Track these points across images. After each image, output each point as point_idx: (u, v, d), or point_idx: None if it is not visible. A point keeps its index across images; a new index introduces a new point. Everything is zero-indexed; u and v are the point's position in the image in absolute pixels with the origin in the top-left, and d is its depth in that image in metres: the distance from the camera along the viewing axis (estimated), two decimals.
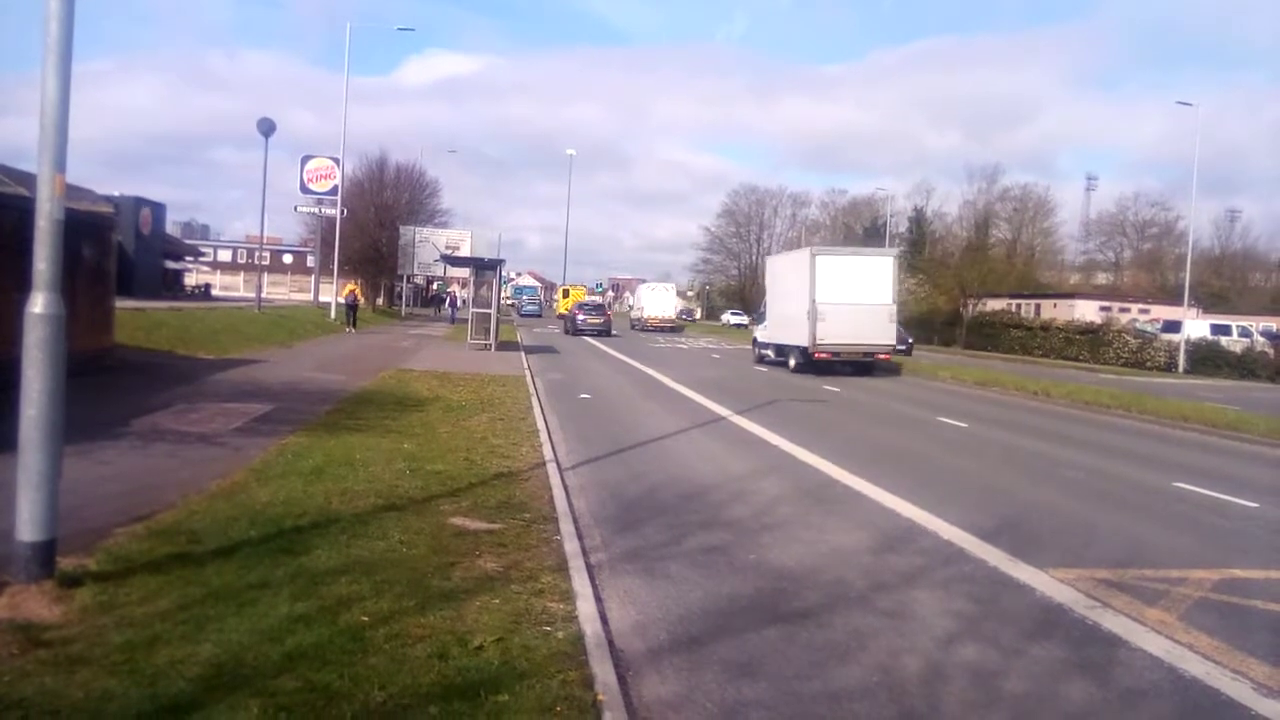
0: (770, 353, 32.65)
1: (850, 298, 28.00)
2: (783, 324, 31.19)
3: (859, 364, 29.63)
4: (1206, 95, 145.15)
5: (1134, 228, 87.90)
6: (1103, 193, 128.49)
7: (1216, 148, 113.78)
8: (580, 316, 50.98)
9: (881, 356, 29.94)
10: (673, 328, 61.23)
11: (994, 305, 69.37)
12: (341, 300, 41.23)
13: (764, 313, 34.59)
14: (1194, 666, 5.53)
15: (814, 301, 27.83)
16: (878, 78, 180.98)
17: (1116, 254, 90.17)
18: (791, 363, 30.03)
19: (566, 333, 50.57)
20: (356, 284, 45.10)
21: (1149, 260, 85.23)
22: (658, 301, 63.18)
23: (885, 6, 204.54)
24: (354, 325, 39.21)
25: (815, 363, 28.42)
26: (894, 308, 29.62)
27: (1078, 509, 10.37)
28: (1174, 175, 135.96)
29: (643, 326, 61.51)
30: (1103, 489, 11.75)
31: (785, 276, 31.88)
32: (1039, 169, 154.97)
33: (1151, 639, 5.98)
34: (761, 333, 34.38)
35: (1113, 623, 6.29)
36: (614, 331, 51.81)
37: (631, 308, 77.39)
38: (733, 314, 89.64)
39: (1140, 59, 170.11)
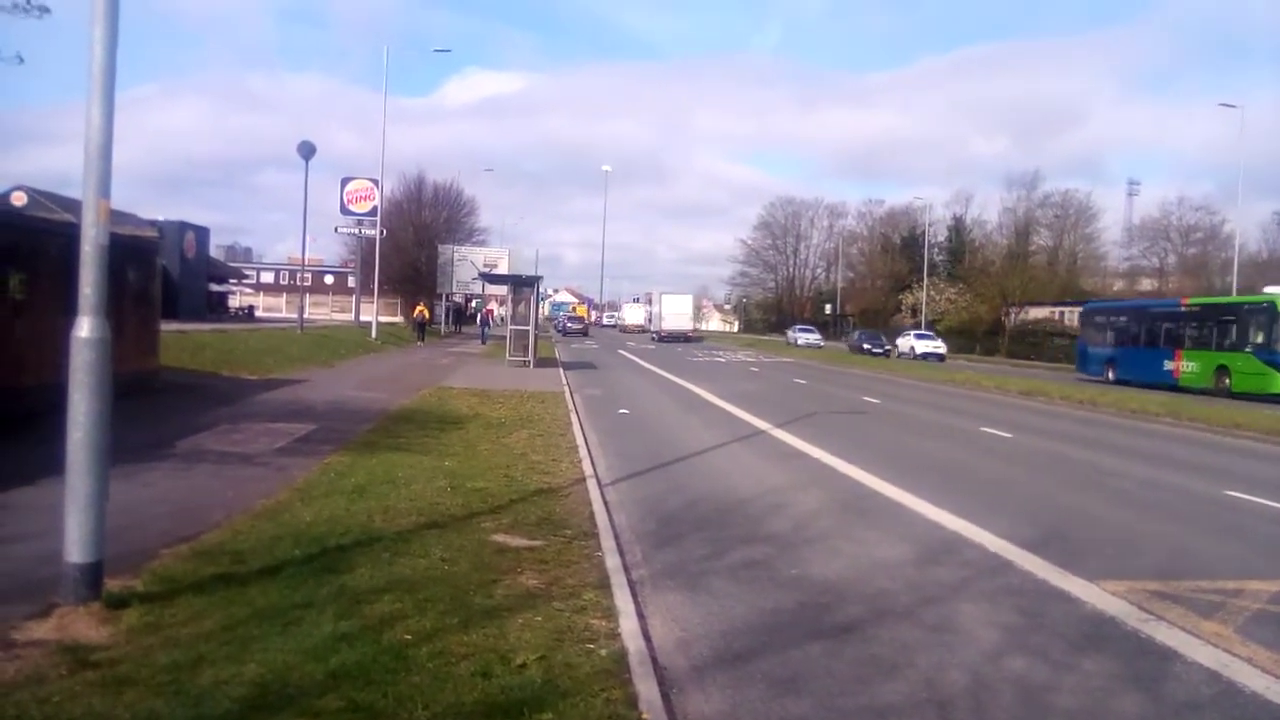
0: (654, 336, 72.60)
1: (674, 310, 73.31)
2: (656, 322, 75.01)
3: (681, 339, 70.10)
4: (1260, 96, 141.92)
5: (1178, 232, 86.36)
6: (1147, 197, 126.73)
7: (1270, 149, 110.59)
8: (568, 324, 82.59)
9: (690, 335, 74.44)
10: (640, 330, 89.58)
11: (1036, 314, 68.54)
12: (414, 318, 49.79)
13: (653, 320, 78.67)
14: (1253, 680, 5.37)
15: (659, 312, 73.74)
16: (919, 85, 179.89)
17: (1161, 259, 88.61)
18: (656, 339, 69.64)
19: (558, 331, 79.29)
20: (425, 305, 51.74)
21: (1194, 265, 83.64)
22: (633, 314, 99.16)
23: (922, 13, 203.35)
24: (423, 339, 46.33)
25: (662, 339, 68.77)
26: (691, 314, 79.08)
27: (1128, 519, 10.18)
28: (1224, 178, 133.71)
29: (623, 329, 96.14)
30: (1153, 498, 11.53)
31: (655, 301, 78.30)
32: (1088, 174, 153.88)
33: (1208, 652, 5.82)
34: (652, 327, 76.88)
35: (1167, 635, 6.14)
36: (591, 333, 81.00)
37: (619, 319, 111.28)
38: (800, 329, 76.55)
39: (1190, 61, 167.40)
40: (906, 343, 60.28)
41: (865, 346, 61.45)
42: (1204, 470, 14.28)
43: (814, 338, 72.93)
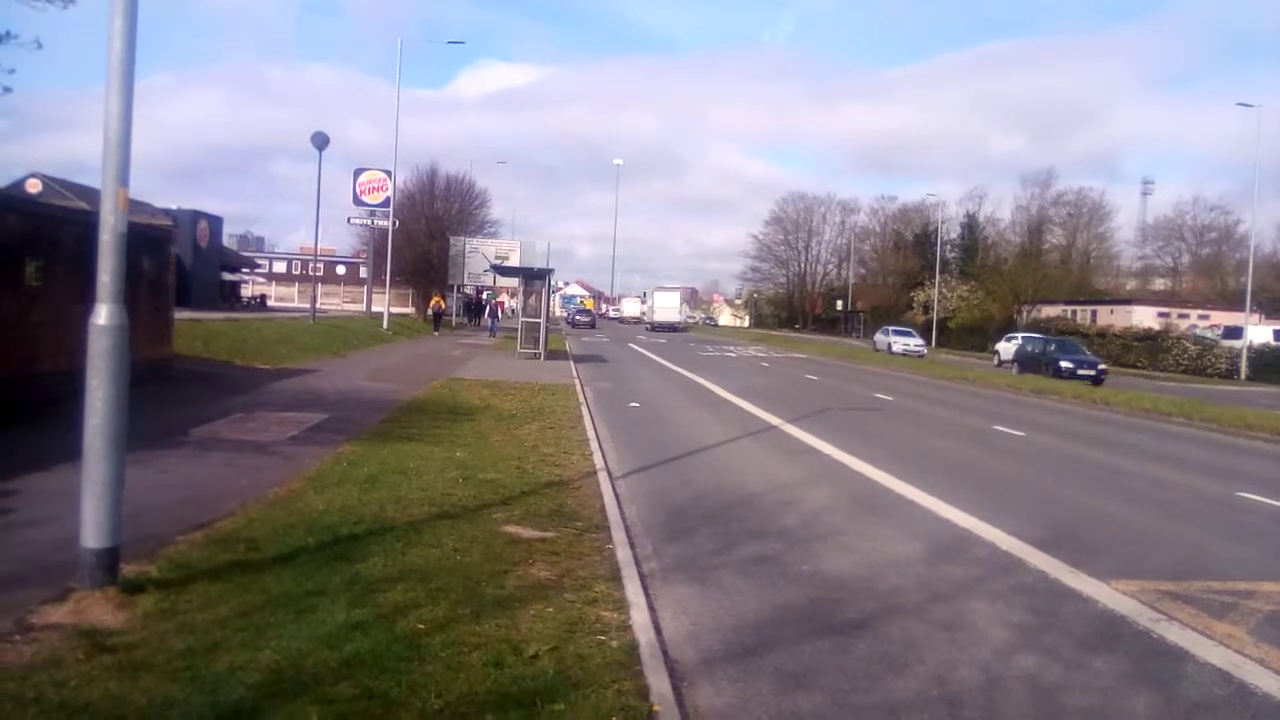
0: (647, 327, 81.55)
1: (664, 304, 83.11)
2: (649, 315, 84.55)
3: (670, 329, 77.14)
4: (1278, 96, 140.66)
5: (1192, 232, 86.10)
6: (1162, 196, 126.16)
7: None
8: (577, 316, 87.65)
9: (678, 326, 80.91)
10: (636, 321, 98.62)
11: (1049, 312, 68.29)
12: (430, 309, 51.50)
13: (647, 313, 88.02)
14: (1266, 682, 5.37)
15: (652, 305, 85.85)
16: (936, 81, 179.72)
17: (1174, 259, 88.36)
18: (649, 329, 77.98)
19: (568, 323, 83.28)
20: (441, 296, 53.62)
21: (1208, 265, 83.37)
22: (630, 307, 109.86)
23: (939, 8, 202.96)
24: (439, 329, 47.48)
25: (654, 328, 77.47)
26: (680, 308, 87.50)
27: (1139, 519, 10.16)
28: (1240, 177, 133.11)
29: (621, 321, 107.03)
30: (1165, 498, 11.50)
31: (649, 296, 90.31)
32: (1103, 172, 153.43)
33: (1219, 653, 5.82)
34: (646, 319, 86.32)
35: (1178, 636, 6.13)
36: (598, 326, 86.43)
37: (619, 311, 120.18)
38: (895, 332, 58.48)
39: (1210, 60, 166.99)
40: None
41: (1064, 365, 35.47)
42: (1216, 471, 14.23)
43: (915, 343, 56.24)
